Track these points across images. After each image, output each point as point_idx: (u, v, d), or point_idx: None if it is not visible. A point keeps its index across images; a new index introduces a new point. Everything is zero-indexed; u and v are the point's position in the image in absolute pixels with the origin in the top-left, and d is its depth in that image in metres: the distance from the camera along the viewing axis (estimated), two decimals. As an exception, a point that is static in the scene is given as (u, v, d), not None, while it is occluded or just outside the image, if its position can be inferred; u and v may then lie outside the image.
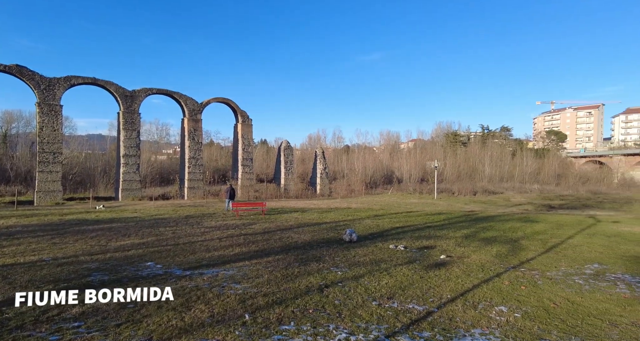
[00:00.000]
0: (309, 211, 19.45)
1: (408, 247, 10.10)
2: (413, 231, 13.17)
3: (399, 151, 71.33)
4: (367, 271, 7.40)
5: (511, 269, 7.92)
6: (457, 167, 56.91)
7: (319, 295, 5.81)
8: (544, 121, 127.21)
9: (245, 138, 34.91)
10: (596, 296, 6.15)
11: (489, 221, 16.46)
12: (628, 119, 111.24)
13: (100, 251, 8.98)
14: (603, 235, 12.75)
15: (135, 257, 8.37)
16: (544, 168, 56.51)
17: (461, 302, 5.68)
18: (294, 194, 34.80)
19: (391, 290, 6.18)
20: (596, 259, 9.08)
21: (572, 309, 5.51)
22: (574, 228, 14.57)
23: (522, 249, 10.13)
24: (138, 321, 4.65)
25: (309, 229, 13.22)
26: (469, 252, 9.61)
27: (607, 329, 4.78)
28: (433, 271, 7.51)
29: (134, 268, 7.34)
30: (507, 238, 12.01)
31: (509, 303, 5.69)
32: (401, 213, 19.79)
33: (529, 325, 4.84)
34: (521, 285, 6.68)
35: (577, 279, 7.21)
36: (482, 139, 69.10)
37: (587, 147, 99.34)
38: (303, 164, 55.73)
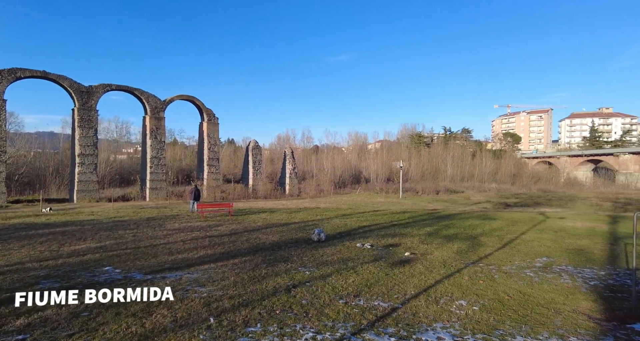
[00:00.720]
0: (278, 212, 19.32)
1: (374, 245, 10.32)
2: (379, 230, 13.48)
3: (366, 151, 72.61)
4: (334, 270, 7.49)
5: (471, 264, 8.33)
6: (421, 168, 58.92)
7: (287, 295, 5.79)
8: (501, 123, 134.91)
9: (211, 137, 33.99)
10: (544, 287, 6.63)
11: (450, 219, 17.20)
12: (572, 123, 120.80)
13: (51, 257, 8.38)
14: (551, 230, 13.75)
15: (92, 262, 7.90)
16: (501, 168, 59.94)
17: (424, 297, 5.90)
18: (262, 194, 34.38)
19: (358, 288, 6.29)
20: (545, 253, 9.77)
21: (523, 300, 5.90)
22: (526, 224, 15.58)
23: (481, 246, 10.68)
24: (93, 329, 4.40)
25: (277, 229, 13.13)
26: (432, 249, 9.99)
27: (552, 316, 5.17)
28: (398, 268, 7.74)
29: (90, 274, 6.93)
30: (467, 235, 12.61)
31: (468, 297, 5.99)
32: (368, 212, 20.19)
33: (485, 317, 5.13)
34: (479, 280, 7.04)
35: (529, 272, 7.72)
36: (445, 141, 72.10)
37: (539, 149, 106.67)
38: (272, 164, 55.22)
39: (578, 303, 5.83)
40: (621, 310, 5.48)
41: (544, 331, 4.65)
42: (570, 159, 74.02)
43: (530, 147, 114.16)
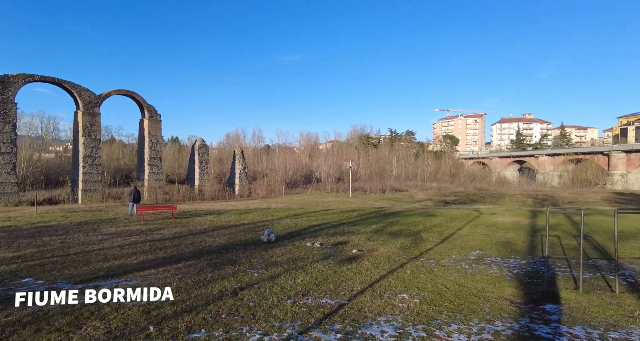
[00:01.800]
0: (226, 213, 18.75)
1: (324, 244, 10.48)
2: (329, 229, 13.71)
3: (317, 151, 73.36)
4: (283, 270, 7.47)
5: (413, 259, 8.82)
6: (370, 167, 60.98)
7: (233, 298, 5.66)
8: (441, 126, 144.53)
9: (152, 135, 31.95)
10: (476, 277, 7.24)
11: (395, 217, 18.04)
12: (502, 127, 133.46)
13: (-44, 270, 7.28)
14: (484, 225, 15.06)
15: (7, 273, 7.01)
16: (441, 168, 64.20)
17: (370, 293, 6.13)
18: (209, 195, 33.12)
19: (306, 287, 6.35)
20: (478, 246, 10.67)
21: (458, 290, 6.39)
22: (463, 220, 16.87)
23: (423, 241, 11.35)
24: (9, 350, 3.92)
25: (225, 231, 12.74)
26: (378, 245, 10.41)
27: (482, 304, 5.68)
28: (346, 266, 7.94)
29: (3, 287, 6.14)
30: (410, 231, 13.32)
31: (410, 291, 6.33)
32: (319, 212, 20.42)
33: (425, 309, 5.47)
34: (420, 273, 7.48)
35: (464, 264, 8.38)
36: (391, 142, 75.43)
37: (474, 150, 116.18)
38: (220, 164, 53.40)
39: (503, 290, 6.46)
40: (536, 294, 6.19)
41: (474, 318, 5.08)
42: (500, 160, 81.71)
43: (467, 148, 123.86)
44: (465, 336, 4.48)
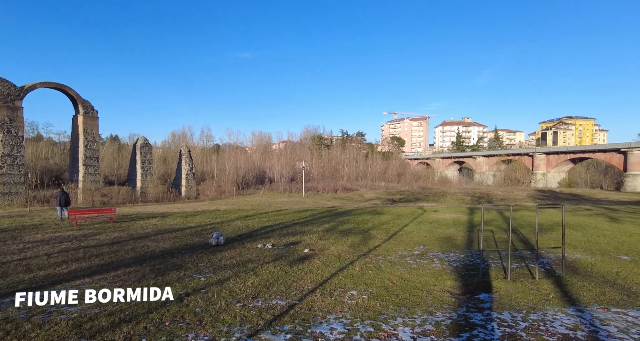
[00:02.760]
0: (171, 216, 17.79)
1: (275, 245, 10.39)
2: (281, 229, 13.63)
3: (270, 151, 72.59)
4: (233, 273, 7.27)
5: (362, 256, 9.09)
6: (322, 168, 61.71)
7: (178, 304, 5.39)
8: (389, 128, 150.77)
9: (88, 133, 29.31)
10: (420, 272, 7.67)
11: (346, 215, 18.46)
12: (444, 130, 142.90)
13: None
14: (427, 222, 15.99)
15: None
16: (389, 168, 66.97)
17: (320, 291, 6.21)
18: (153, 197, 31.18)
19: (256, 289, 6.25)
20: (422, 242, 11.30)
21: (404, 285, 6.71)
22: (408, 217, 17.76)
23: (371, 238, 11.74)
24: None
25: (169, 235, 12.08)
26: (329, 244, 10.57)
27: (425, 297, 6.03)
28: (297, 266, 7.95)
29: None
30: (360, 229, 13.71)
31: (358, 287, 6.52)
32: (271, 212, 20.20)
33: (373, 304, 5.66)
34: (369, 270, 7.74)
35: (409, 259, 8.82)
36: (342, 143, 77.04)
37: (419, 151, 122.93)
38: (165, 164, 50.57)
39: (444, 282, 6.92)
40: (472, 285, 6.73)
41: (418, 310, 5.38)
42: (442, 160, 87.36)
43: (412, 150, 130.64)
44: (410, 329, 4.72)
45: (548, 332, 4.61)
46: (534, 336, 4.47)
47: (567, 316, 5.16)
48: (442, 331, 4.64)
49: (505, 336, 4.51)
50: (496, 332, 4.61)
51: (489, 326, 4.79)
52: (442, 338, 4.46)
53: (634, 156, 51.63)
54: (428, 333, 4.58)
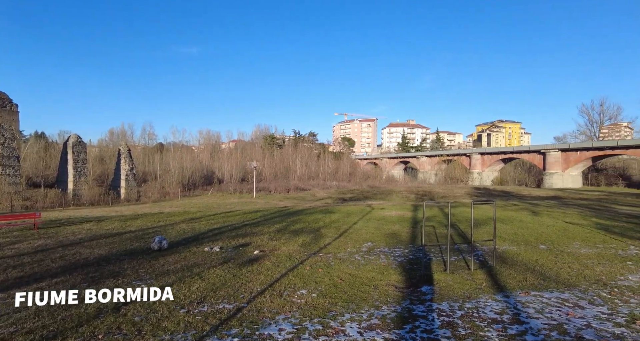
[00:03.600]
0: (108, 220, 16.43)
1: (224, 247, 10.08)
2: (230, 231, 13.24)
3: (219, 151, 70.24)
4: (177, 278, 6.91)
5: (312, 255, 9.16)
6: (274, 167, 61.12)
7: (114, 315, 4.99)
8: (340, 129, 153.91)
9: (5, 129, 26.01)
10: (367, 267, 7.93)
11: (298, 215, 18.49)
12: (391, 131, 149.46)
13: None
14: (375, 219, 16.59)
15: None
16: (340, 168, 68.32)
17: (269, 293, 6.14)
18: (88, 200, 28.57)
19: (202, 294, 6.00)
20: (369, 238, 11.70)
21: (352, 281, 6.89)
22: (357, 215, 18.28)
23: (322, 237, 11.89)
24: None
25: (106, 241, 11.15)
26: (280, 244, 10.50)
27: (372, 292, 6.25)
28: (246, 268, 7.78)
29: None
30: (311, 228, 13.81)
31: (308, 286, 6.56)
32: (220, 214, 19.56)
33: (322, 302, 5.73)
34: (319, 268, 7.82)
35: (357, 256, 9.07)
36: (295, 143, 77.07)
37: (368, 152, 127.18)
38: (102, 164, 46.68)
39: (390, 277, 7.23)
40: (415, 278, 7.12)
41: (365, 306, 5.56)
42: (389, 160, 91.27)
43: (362, 150, 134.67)
44: (357, 324, 4.86)
45: (480, 318, 5.03)
46: (468, 323, 4.85)
47: (496, 302, 5.67)
48: (387, 324, 4.84)
49: (444, 325, 4.83)
50: (436, 322, 4.92)
51: (430, 317, 5.10)
52: (387, 331, 4.65)
53: (551, 157, 58.36)
54: (374, 327, 4.75)
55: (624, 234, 12.00)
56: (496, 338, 4.39)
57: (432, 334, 4.53)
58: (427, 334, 4.53)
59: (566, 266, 7.86)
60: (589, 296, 5.97)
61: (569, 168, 57.68)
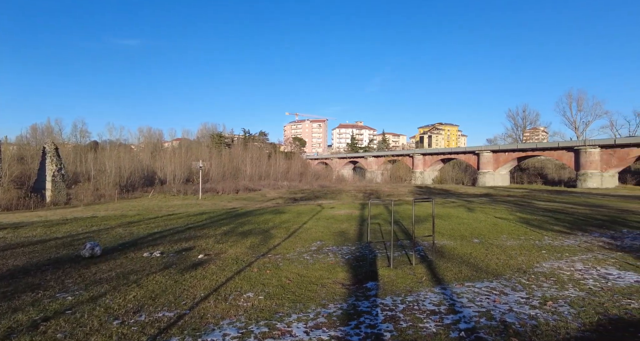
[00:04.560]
0: (29, 226, 14.66)
1: (165, 252, 9.51)
2: (173, 235, 12.53)
3: (162, 150, 66.37)
4: (110, 288, 6.36)
5: (261, 256, 9.01)
6: (222, 167, 59.17)
7: (30, 333, 4.44)
8: (291, 128, 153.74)
9: None
10: (316, 266, 8.00)
11: (247, 216, 18.08)
12: (340, 132, 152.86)
13: None
14: (324, 218, 16.81)
15: None
16: (292, 168, 68.21)
17: (214, 297, 5.91)
18: (3, 205, 25.23)
19: (140, 303, 5.60)
20: (319, 237, 11.81)
21: (300, 281, 6.90)
22: (308, 215, 18.37)
23: (271, 238, 11.75)
24: None
25: (25, 250, 9.92)
26: (227, 247, 10.18)
27: (319, 290, 6.32)
28: (190, 273, 7.42)
29: None
30: (260, 229, 13.58)
31: (255, 288, 6.44)
32: (162, 217, 18.42)
33: (269, 304, 5.66)
34: (267, 269, 7.72)
35: (306, 256, 9.11)
36: (244, 142, 75.37)
37: (319, 152, 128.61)
38: (22, 164, 41.57)
39: (337, 275, 7.36)
40: (361, 275, 7.34)
41: (312, 305, 5.59)
42: (339, 160, 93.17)
43: (313, 150, 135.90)
44: (303, 324, 4.87)
45: (420, 310, 5.32)
46: (409, 316, 5.11)
47: (434, 295, 6.05)
48: (333, 322, 4.92)
49: (387, 319, 5.03)
50: (379, 316, 5.11)
51: (374, 312, 5.28)
52: (333, 328, 4.72)
53: (484, 157, 63.93)
54: (320, 326, 4.80)
55: (540, 226, 13.52)
56: (434, 329, 4.67)
57: (376, 329, 4.70)
58: (371, 329, 4.69)
59: (495, 258, 8.64)
60: (511, 283, 6.62)
61: (499, 168, 63.59)
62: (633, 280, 6.79)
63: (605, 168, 51.29)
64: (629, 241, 10.66)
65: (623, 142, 50.43)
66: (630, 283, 6.60)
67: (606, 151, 51.16)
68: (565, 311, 5.22)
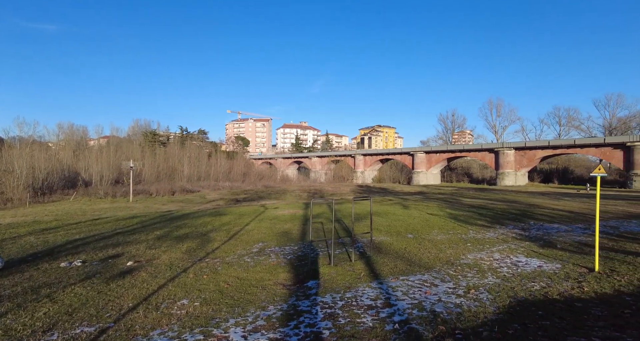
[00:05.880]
0: None
1: (88, 261, 8.59)
2: (97, 241, 11.37)
3: (87, 148, 59.97)
4: (14, 306, 5.55)
5: (198, 261, 8.57)
6: (157, 168, 55.32)
7: None
8: (233, 127, 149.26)
9: None
10: (257, 268, 7.84)
11: (184, 219, 17.09)
12: (285, 132, 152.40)
13: None
14: (268, 219, 16.57)
15: None
16: (234, 168, 66.19)
17: (143, 307, 5.47)
18: None
19: (52, 320, 4.96)
20: (261, 239, 11.61)
21: (240, 284, 6.70)
22: (250, 216, 17.96)
23: (210, 241, 11.25)
24: None
25: None
26: (160, 253, 9.51)
27: (259, 293, 6.19)
28: (116, 282, 6.78)
29: None
30: (198, 232, 12.93)
31: (190, 295, 6.10)
32: (85, 222, 16.61)
33: (205, 310, 5.40)
34: (204, 274, 7.36)
35: (247, 258, 8.88)
36: (182, 140, 71.28)
37: (263, 152, 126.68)
38: None
39: (278, 276, 7.29)
40: (302, 274, 7.36)
41: (251, 308, 5.46)
42: (283, 160, 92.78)
43: (257, 150, 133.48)
44: (241, 328, 4.73)
45: (358, 306, 5.49)
46: (348, 312, 5.24)
47: (372, 289, 6.29)
48: (272, 324, 4.85)
49: (326, 317, 5.10)
50: (319, 315, 5.16)
51: (314, 311, 5.32)
52: (272, 330, 4.66)
53: (418, 158, 68.49)
54: (259, 329, 4.70)
55: (466, 221, 14.85)
56: (370, 323, 4.85)
57: (315, 327, 4.74)
58: (310, 328, 4.71)
59: (427, 252, 9.27)
60: (441, 275, 7.16)
61: (431, 168, 68.54)
62: (536, 265, 7.77)
63: (519, 168, 58.17)
64: (535, 232, 12.20)
65: (531, 145, 57.63)
66: (534, 268, 7.54)
67: (519, 153, 58.04)
68: (484, 298, 5.78)
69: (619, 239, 10.70)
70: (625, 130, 68.55)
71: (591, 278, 6.79)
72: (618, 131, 69.00)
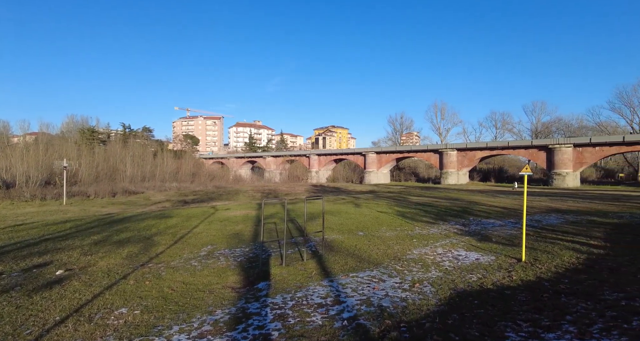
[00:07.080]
0: None
1: (6, 272, 7.64)
2: (20, 249, 10.15)
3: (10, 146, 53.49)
4: None
5: (140, 267, 8.02)
6: (96, 168, 50.99)
7: None
8: (181, 125, 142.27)
9: None
10: (204, 272, 7.53)
11: (125, 222, 15.91)
12: (238, 130, 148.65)
13: None
14: (218, 221, 16.01)
15: None
16: (182, 168, 63.06)
17: (73, 320, 4.99)
18: None
19: (-41, 342, 4.34)
20: (210, 241, 11.18)
21: (185, 289, 6.38)
22: (199, 218, 17.22)
23: (154, 245, 10.59)
24: None
25: None
26: (97, 259, 8.76)
27: (207, 297, 5.95)
28: (40, 294, 6.11)
29: None
30: (141, 236, 12.11)
31: (130, 303, 5.69)
32: (4, 229, 14.77)
33: (146, 318, 5.06)
34: (146, 281, 6.90)
35: (194, 262, 8.50)
36: (124, 138, 66.37)
37: (214, 151, 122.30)
38: None
39: (227, 279, 7.07)
40: (253, 276, 7.22)
41: (197, 313, 5.23)
42: (236, 160, 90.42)
43: (208, 149, 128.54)
44: (186, 335, 4.51)
45: (308, 305, 5.51)
46: (298, 312, 5.23)
47: (322, 288, 6.35)
48: (219, 329, 4.68)
49: (276, 317, 5.04)
50: (269, 316, 5.09)
51: (263, 312, 5.23)
52: (219, 335, 4.50)
53: (369, 158, 70.73)
54: (205, 334, 4.52)
55: (413, 218, 15.61)
56: (320, 321, 4.89)
57: (264, 329, 4.66)
58: (259, 330, 4.63)
59: (375, 248, 9.58)
60: (388, 271, 7.44)
61: (382, 167, 71.10)
62: (474, 258, 8.40)
63: (460, 167, 62.53)
64: (473, 227, 13.19)
65: (472, 147, 62.25)
66: (472, 261, 8.15)
67: (460, 153, 62.39)
68: (428, 291, 6.11)
69: (541, 231, 11.96)
70: (548, 134, 76.92)
71: (519, 267, 7.49)
72: (542, 135, 77.22)
